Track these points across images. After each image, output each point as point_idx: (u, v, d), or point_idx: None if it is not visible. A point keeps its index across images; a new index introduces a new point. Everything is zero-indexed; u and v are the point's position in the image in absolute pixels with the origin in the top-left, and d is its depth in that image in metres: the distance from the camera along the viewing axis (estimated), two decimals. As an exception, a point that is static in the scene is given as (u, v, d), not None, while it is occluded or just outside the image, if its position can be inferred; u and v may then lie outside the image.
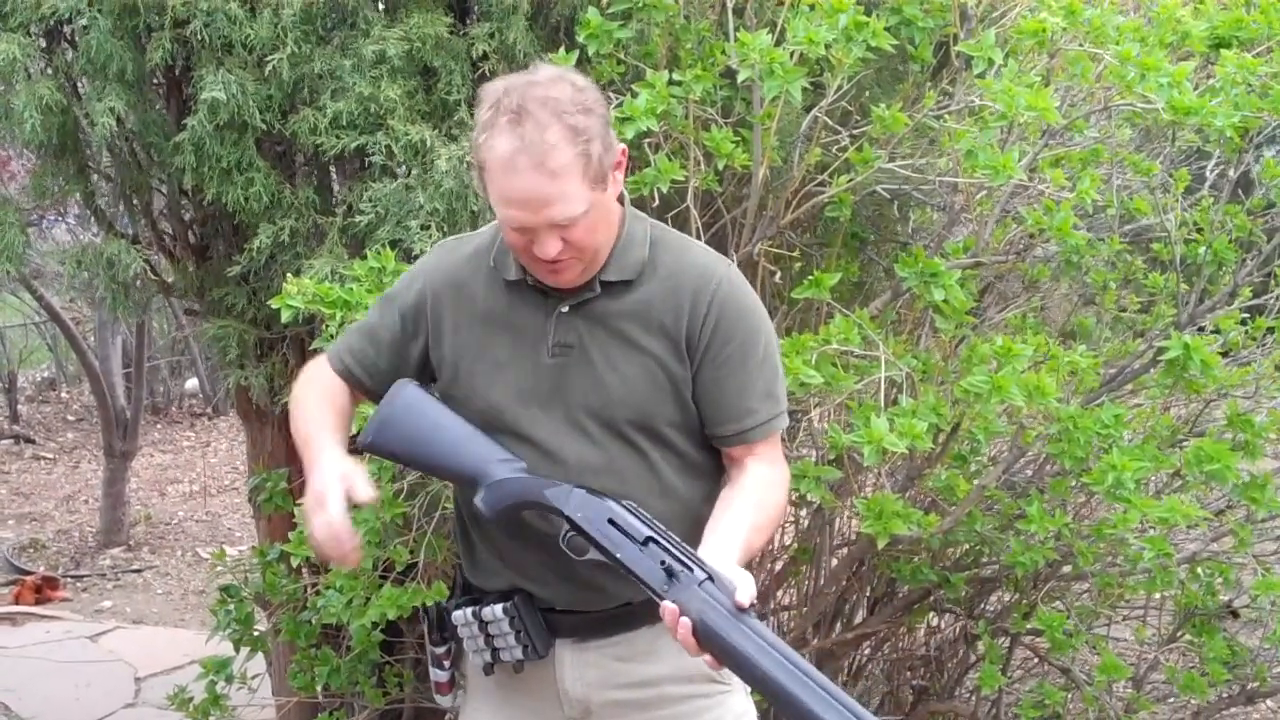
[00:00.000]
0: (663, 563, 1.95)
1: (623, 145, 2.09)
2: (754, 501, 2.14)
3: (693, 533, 2.12)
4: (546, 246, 2.01)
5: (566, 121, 1.96)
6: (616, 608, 2.20)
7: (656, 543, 1.98)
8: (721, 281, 2.16)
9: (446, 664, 2.37)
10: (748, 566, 2.04)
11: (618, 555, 1.99)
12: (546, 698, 2.27)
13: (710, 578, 1.92)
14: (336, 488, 2.06)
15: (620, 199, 2.16)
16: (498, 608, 2.19)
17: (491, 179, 2.00)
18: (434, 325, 2.21)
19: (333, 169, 3.43)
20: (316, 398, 2.32)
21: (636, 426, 2.15)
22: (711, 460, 2.23)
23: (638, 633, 2.22)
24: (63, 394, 12.14)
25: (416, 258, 2.92)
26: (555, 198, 1.97)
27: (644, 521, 2.01)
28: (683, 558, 1.95)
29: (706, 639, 1.90)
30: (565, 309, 2.14)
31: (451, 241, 2.29)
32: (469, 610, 2.23)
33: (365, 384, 2.30)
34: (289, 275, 2.84)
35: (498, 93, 1.99)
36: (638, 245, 2.16)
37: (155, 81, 3.33)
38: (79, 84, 3.31)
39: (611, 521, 2.01)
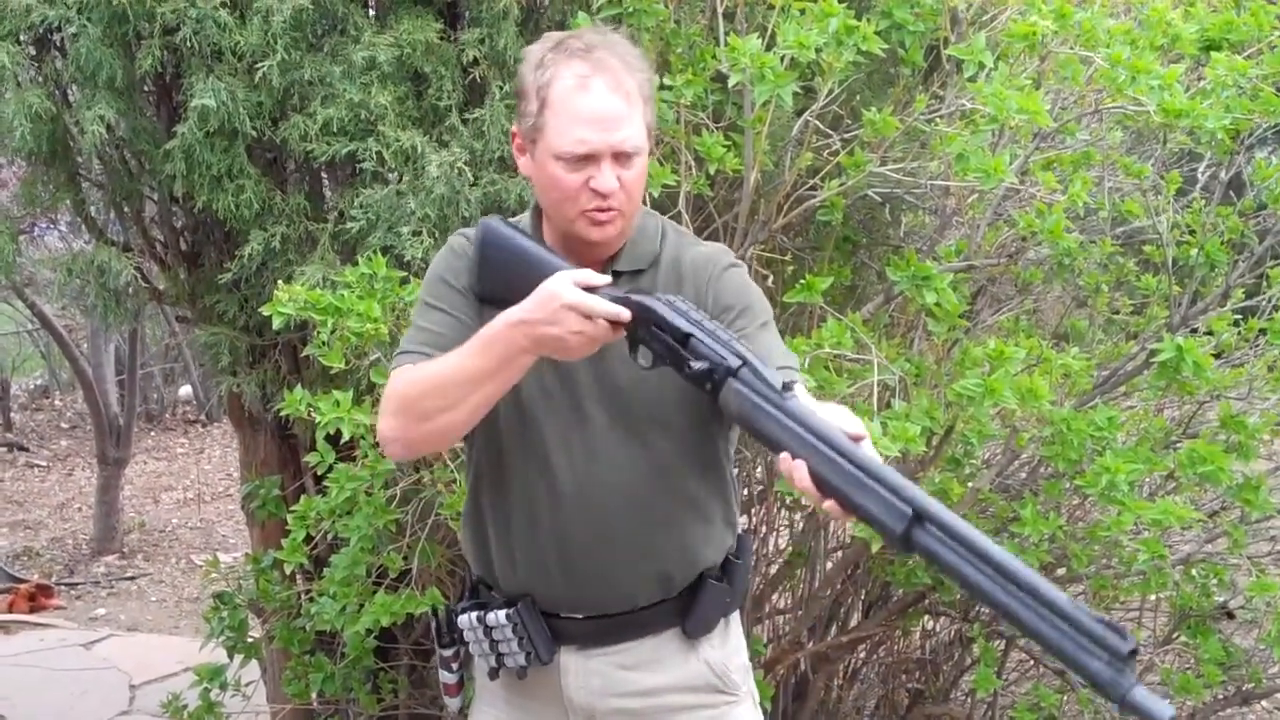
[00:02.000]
0: (711, 353, 1.93)
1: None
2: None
3: (697, 525, 2.16)
4: (607, 177, 2.01)
5: (631, 63, 2.04)
6: (622, 614, 2.19)
7: (703, 334, 1.95)
8: (720, 263, 2.16)
9: (455, 666, 2.39)
10: None
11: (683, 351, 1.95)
12: (551, 704, 2.26)
13: (747, 362, 1.90)
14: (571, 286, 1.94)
15: None
16: (501, 613, 2.19)
17: (559, 106, 2.01)
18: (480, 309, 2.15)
19: (324, 175, 3.42)
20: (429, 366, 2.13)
21: (645, 417, 2.14)
22: (717, 452, 2.23)
23: (642, 642, 2.21)
24: (56, 401, 12.14)
25: (408, 264, 2.92)
26: (626, 121, 2.01)
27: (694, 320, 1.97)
28: (728, 344, 1.94)
29: (749, 425, 1.89)
30: None
31: (460, 240, 2.21)
32: (474, 615, 2.22)
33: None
34: (280, 282, 2.83)
35: (555, 38, 2.05)
36: (649, 239, 2.17)
37: (145, 89, 3.32)
38: (69, 92, 3.31)
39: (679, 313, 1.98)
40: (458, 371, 2.01)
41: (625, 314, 1.93)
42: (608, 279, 1.99)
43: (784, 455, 1.81)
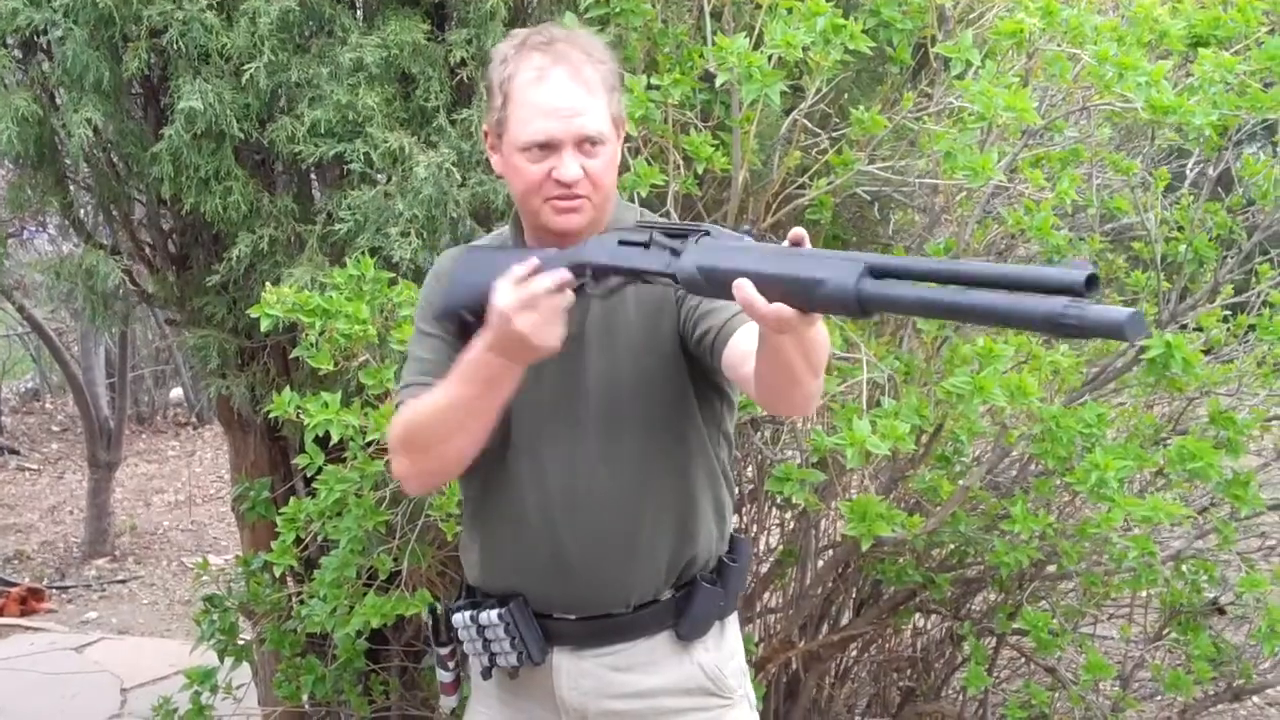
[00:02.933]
0: (669, 249, 1.91)
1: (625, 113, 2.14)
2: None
3: (692, 514, 2.17)
4: (569, 166, 2.01)
5: (592, 51, 2.05)
6: (614, 615, 2.18)
7: (656, 240, 1.94)
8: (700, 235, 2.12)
9: (451, 665, 2.39)
10: None
11: (629, 265, 1.95)
12: (544, 704, 2.26)
13: (707, 233, 1.88)
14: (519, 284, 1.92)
15: None
16: (493, 613, 2.19)
17: (520, 100, 2.01)
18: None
19: (312, 177, 3.41)
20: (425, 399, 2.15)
21: (636, 416, 2.14)
22: (710, 456, 2.22)
23: (635, 644, 2.21)
24: (47, 405, 12.13)
25: (396, 265, 2.92)
26: (586, 108, 2.01)
27: (645, 229, 1.97)
28: (682, 232, 1.92)
29: (709, 278, 1.81)
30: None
31: (456, 252, 2.24)
32: (467, 614, 2.22)
33: None
34: (268, 284, 2.82)
35: (520, 35, 2.06)
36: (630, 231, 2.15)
37: (132, 91, 3.31)
38: (55, 94, 3.30)
39: (621, 242, 1.98)
40: (451, 401, 2.02)
41: (563, 275, 1.92)
42: (532, 260, 1.93)
43: (738, 281, 1.73)
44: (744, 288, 1.70)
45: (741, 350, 1.97)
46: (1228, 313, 3.53)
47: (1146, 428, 3.30)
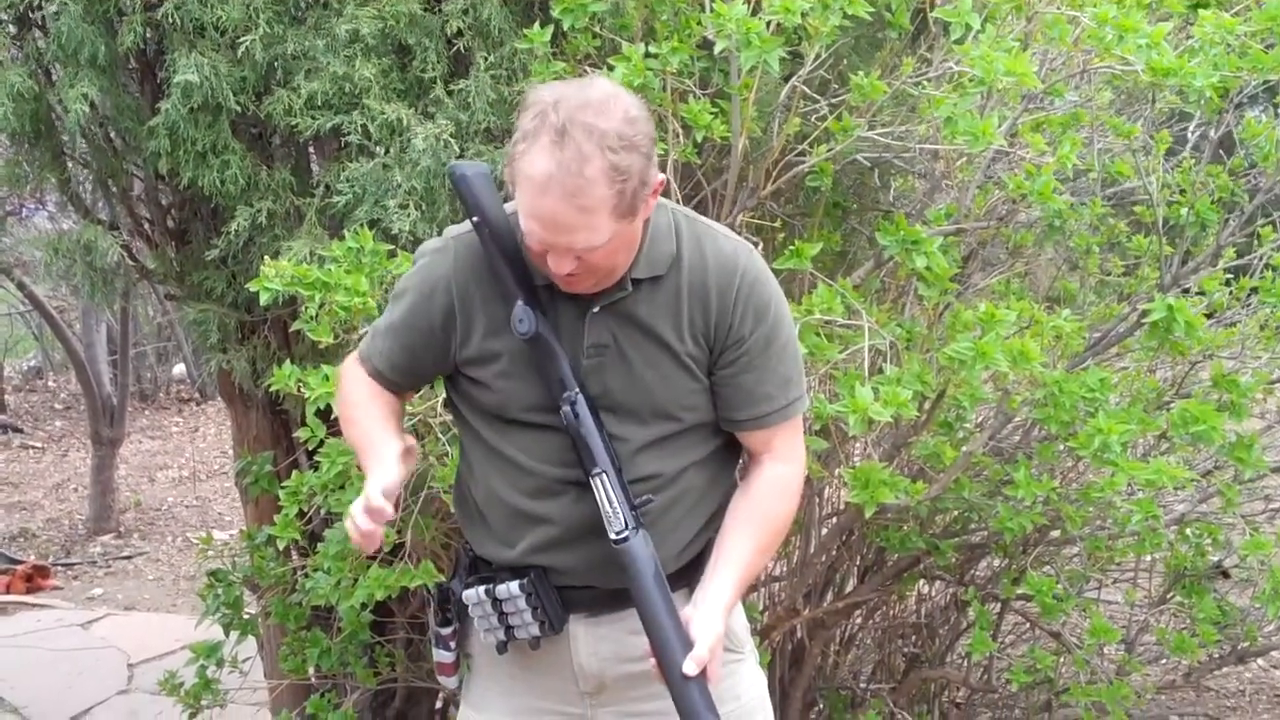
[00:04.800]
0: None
1: (661, 177, 2.04)
2: (761, 514, 2.21)
3: (715, 493, 2.25)
4: (561, 264, 1.99)
5: (609, 159, 1.90)
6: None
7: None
8: (745, 273, 2.16)
9: (452, 644, 2.37)
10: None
11: None
12: (561, 674, 2.27)
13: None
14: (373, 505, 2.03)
15: None
16: (514, 584, 2.18)
17: (522, 192, 1.96)
18: (463, 325, 2.17)
19: (309, 150, 3.40)
20: (362, 398, 2.31)
21: (647, 408, 2.16)
22: (722, 439, 2.26)
23: None
24: (49, 382, 12.13)
25: (395, 237, 2.91)
26: (579, 228, 1.94)
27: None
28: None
29: None
30: (597, 309, 2.12)
31: (469, 237, 2.19)
32: (481, 589, 2.21)
33: (400, 383, 2.30)
34: (267, 258, 2.81)
35: (546, 103, 1.93)
36: (664, 238, 2.14)
37: (128, 66, 3.29)
38: (51, 70, 3.28)
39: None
40: (350, 441, 2.31)
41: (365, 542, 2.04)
42: (388, 510, 2.03)
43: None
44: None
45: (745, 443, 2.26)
46: (1230, 276, 3.52)
47: (1149, 392, 3.29)
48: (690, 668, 1.99)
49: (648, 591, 2.05)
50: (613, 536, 2.08)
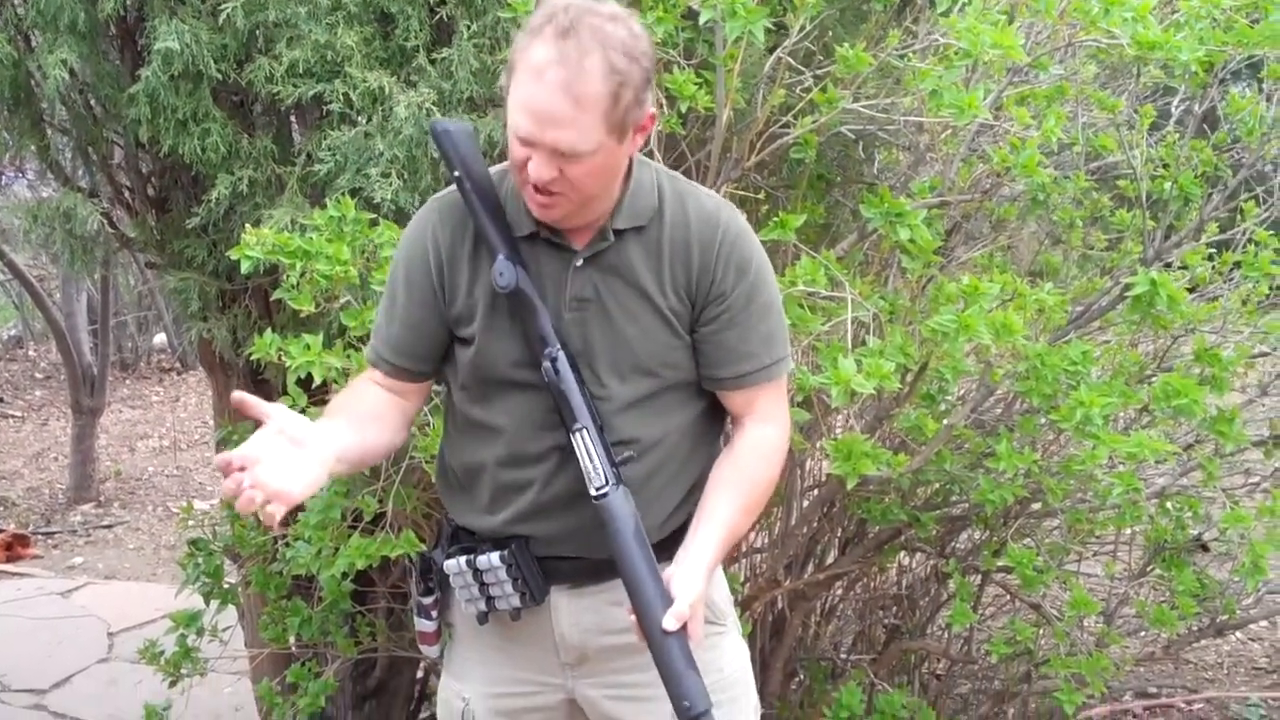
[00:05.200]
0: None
1: (653, 111, 2.04)
2: (743, 475, 2.19)
3: (699, 459, 2.23)
4: (541, 169, 1.97)
5: (610, 58, 1.91)
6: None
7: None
8: (727, 229, 2.16)
9: (434, 614, 2.36)
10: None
11: None
12: (542, 645, 2.27)
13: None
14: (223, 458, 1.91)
15: None
16: (494, 555, 2.18)
17: (516, 82, 1.95)
18: (450, 282, 2.16)
19: (291, 118, 3.38)
20: (346, 390, 2.31)
21: (630, 366, 2.15)
22: (706, 402, 2.25)
23: None
24: (29, 351, 12.09)
25: (377, 206, 2.89)
26: (568, 123, 1.92)
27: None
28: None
29: None
30: (580, 262, 2.11)
31: (450, 196, 2.20)
32: (462, 559, 2.21)
33: (404, 366, 2.24)
34: (248, 226, 2.80)
35: (557, 6, 1.94)
36: (646, 192, 2.14)
37: (108, 33, 3.27)
38: (30, 36, 3.26)
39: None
40: None
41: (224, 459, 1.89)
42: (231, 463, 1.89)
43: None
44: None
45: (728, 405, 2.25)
46: (1213, 251, 3.52)
47: (1131, 365, 3.30)
48: (670, 623, 1.97)
49: (627, 547, 2.03)
50: (593, 493, 2.06)
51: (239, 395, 1.97)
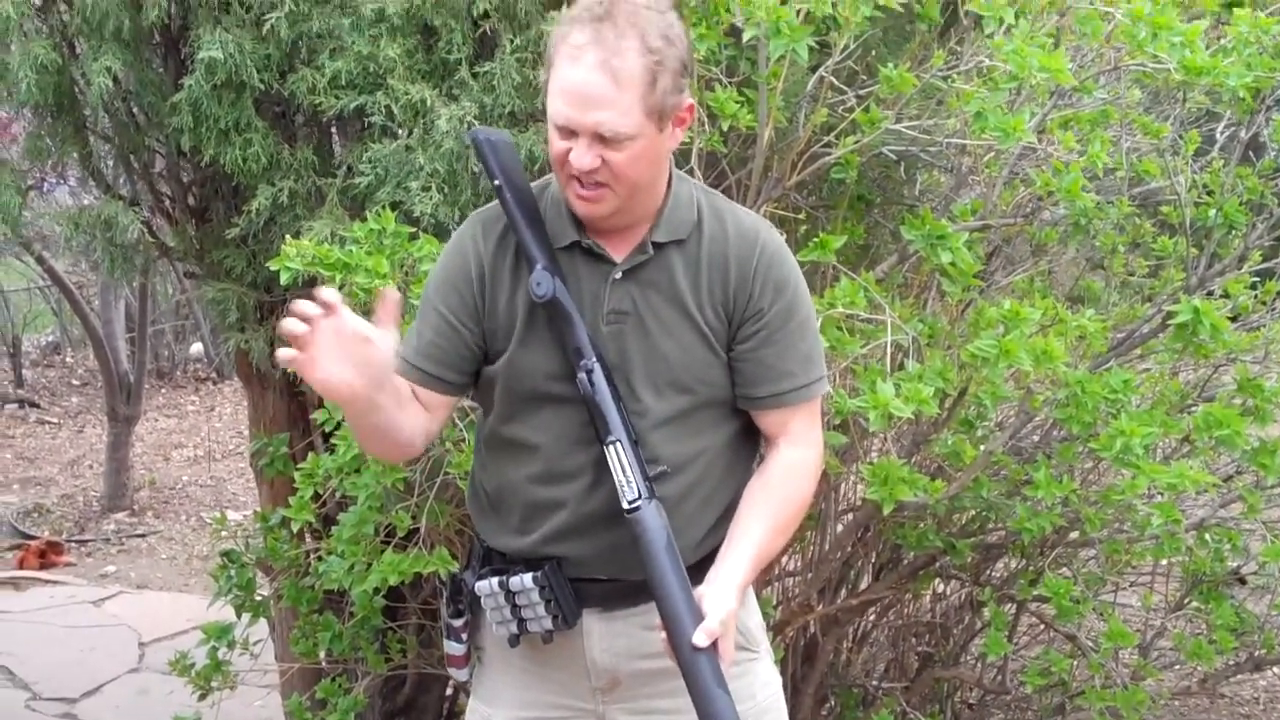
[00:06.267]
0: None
1: (691, 102, 2.06)
2: (776, 495, 2.17)
3: (732, 482, 2.21)
4: (583, 156, 1.97)
5: (646, 39, 1.94)
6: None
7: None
8: (765, 246, 2.16)
9: (464, 637, 2.33)
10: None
11: None
12: (573, 669, 2.24)
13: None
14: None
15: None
16: (526, 577, 2.15)
17: (555, 70, 1.97)
18: (490, 292, 2.15)
19: (332, 129, 3.39)
20: None
21: (667, 383, 2.14)
22: (742, 424, 2.23)
23: None
24: (67, 358, 12.14)
25: (417, 219, 2.89)
26: (608, 103, 1.94)
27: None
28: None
29: None
30: (618, 275, 2.11)
31: (492, 210, 2.20)
32: (494, 581, 2.18)
33: (432, 373, 2.20)
34: (288, 237, 2.80)
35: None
36: (685, 206, 2.14)
37: (152, 41, 3.28)
38: (75, 43, 3.27)
39: None
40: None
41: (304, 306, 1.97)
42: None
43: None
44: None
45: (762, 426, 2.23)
46: (1256, 279, 3.49)
47: (1172, 394, 3.26)
48: (700, 639, 1.95)
49: (659, 560, 2.01)
50: (625, 505, 2.04)
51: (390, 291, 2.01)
